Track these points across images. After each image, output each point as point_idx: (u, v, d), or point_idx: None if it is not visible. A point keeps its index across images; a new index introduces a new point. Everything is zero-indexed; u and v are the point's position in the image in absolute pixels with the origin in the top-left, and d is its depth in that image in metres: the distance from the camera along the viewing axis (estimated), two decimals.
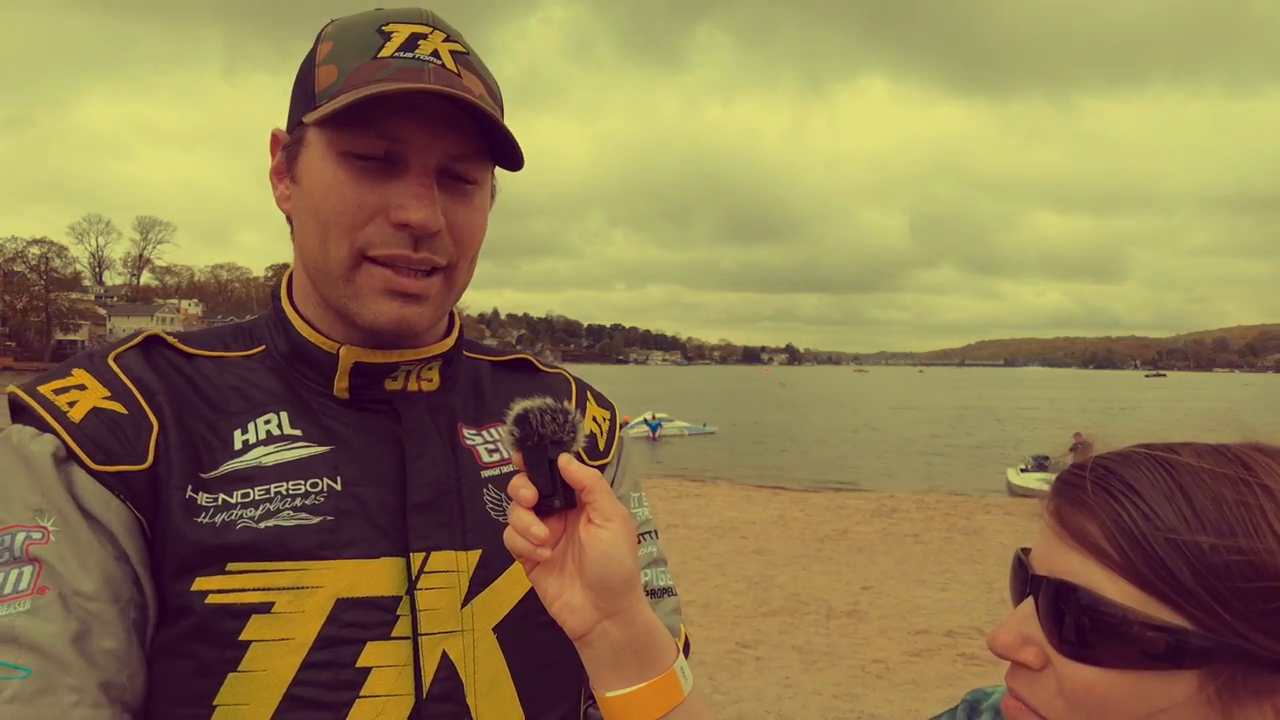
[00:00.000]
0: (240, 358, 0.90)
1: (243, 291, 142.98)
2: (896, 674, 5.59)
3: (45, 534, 0.74)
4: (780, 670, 5.58)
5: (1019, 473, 18.44)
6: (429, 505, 0.85)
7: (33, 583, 0.72)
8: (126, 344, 0.87)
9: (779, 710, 4.91)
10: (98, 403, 0.80)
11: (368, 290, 0.83)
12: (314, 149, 0.83)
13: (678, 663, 0.73)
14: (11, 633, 0.71)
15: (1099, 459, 0.62)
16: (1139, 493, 0.57)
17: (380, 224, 0.81)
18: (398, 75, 0.79)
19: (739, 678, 5.41)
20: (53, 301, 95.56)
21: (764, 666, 5.64)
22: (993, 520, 11.60)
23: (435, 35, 0.83)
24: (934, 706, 4.95)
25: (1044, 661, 0.60)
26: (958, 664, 5.80)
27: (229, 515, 0.79)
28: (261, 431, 0.84)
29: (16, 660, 0.70)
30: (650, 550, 1.02)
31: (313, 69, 0.84)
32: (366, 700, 0.78)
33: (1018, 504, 14.06)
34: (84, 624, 0.73)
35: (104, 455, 0.77)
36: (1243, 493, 0.56)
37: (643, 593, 0.72)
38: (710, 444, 28.38)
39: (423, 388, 0.92)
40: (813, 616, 6.86)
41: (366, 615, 0.79)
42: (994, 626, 0.63)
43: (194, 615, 0.77)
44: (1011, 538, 10.31)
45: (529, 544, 0.69)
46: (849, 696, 5.16)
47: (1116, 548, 0.56)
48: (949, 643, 6.24)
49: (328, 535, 0.80)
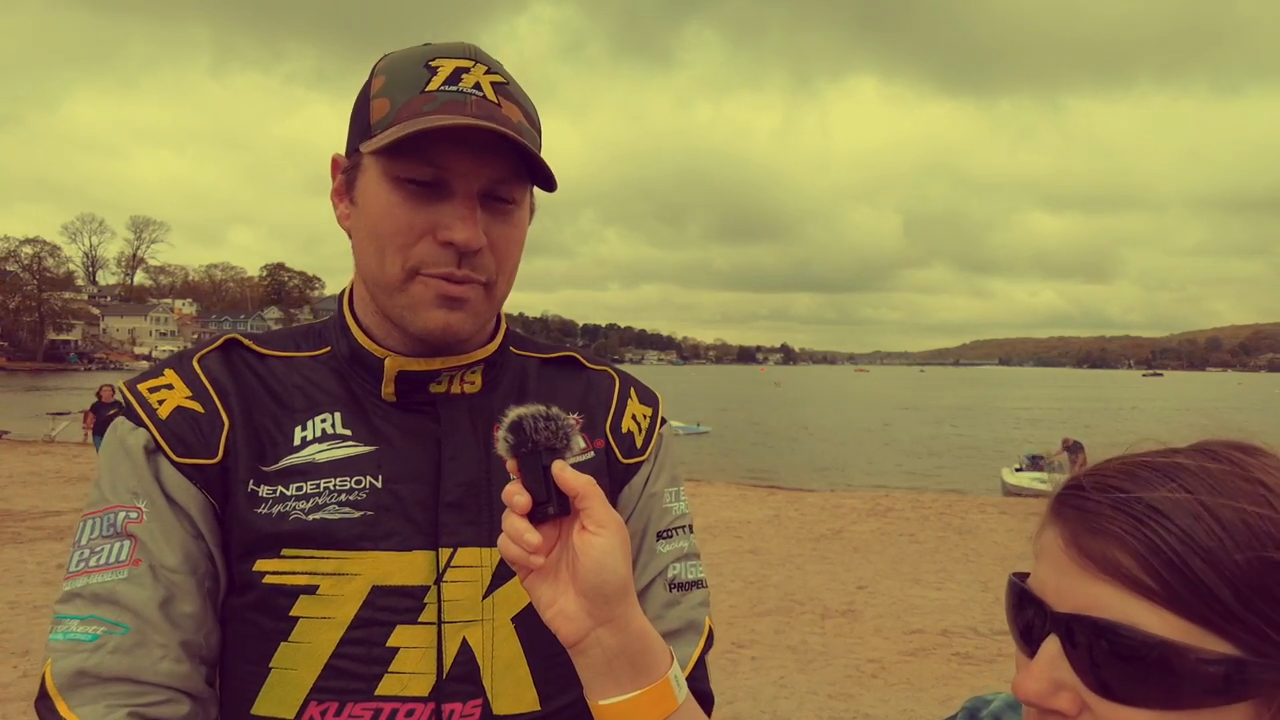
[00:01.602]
0: (308, 358, 1.01)
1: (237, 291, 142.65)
2: (891, 673, 5.57)
3: (140, 514, 0.88)
4: (775, 670, 5.56)
5: (1013, 472, 18.46)
6: (459, 504, 0.94)
7: (130, 554, 0.87)
8: (209, 346, 0.99)
9: (774, 710, 4.90)
10: (181, 402, 0.93)
11: (420, 301, 0.92)
12: (370, 174, 0.92)
13: (671, 671, 0.73)
14: (114, 595, 0.85)
15: (1101, 476, 0.57)
16: (1165, 513, 0.53)
17: (429, 243, 0.90)
18: (444, 108, 0.88)
19: (734, 678, 5.39)
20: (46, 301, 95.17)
21: (759, 666, 5.63)
22: (987, 519, 11.61)
23: (477, 69, 0.92)
24: (929, 706, 4.94)
25: (1080, 707, 0.55)
26: (953, 663, 5.78)
27: (284, 507, 0.90)
28: (318, 429, 0.95)
29: (118, 619, 0.85)
30: (682, 544, 1.07)
31: (368, 101, 0.93)
32: (394, 676, 0.89)
33: (1013, 503, 14.08)
34: (169, 592, 0.87)
35: (184, 449, 0.91)
36: (1256, 500, 0.53)
37: (636, 601, 0.73)
38: (706, 443, 28.37)
39: (465, 390, 1.00)
40: (808, 616, 6.85)
41: (398, 601, 0.90)
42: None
43: (255, 591, 0.90)
44: (1006, 537, 10.32)
45: (522, 551, 0.70)
46: (844, 696, 5.15)
47: (1154, 576, 0.52)
48: (944, 642, 6.23)
49: (367, 528, 0.90)
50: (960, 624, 6.64)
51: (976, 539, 10.23)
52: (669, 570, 1.03)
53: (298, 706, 0.88)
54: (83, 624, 0.85)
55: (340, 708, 0.88)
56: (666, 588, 1.02)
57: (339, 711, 0.88)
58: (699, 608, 1.04)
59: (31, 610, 6.45)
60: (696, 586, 1.05)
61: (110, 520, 0.88)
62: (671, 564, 1.04)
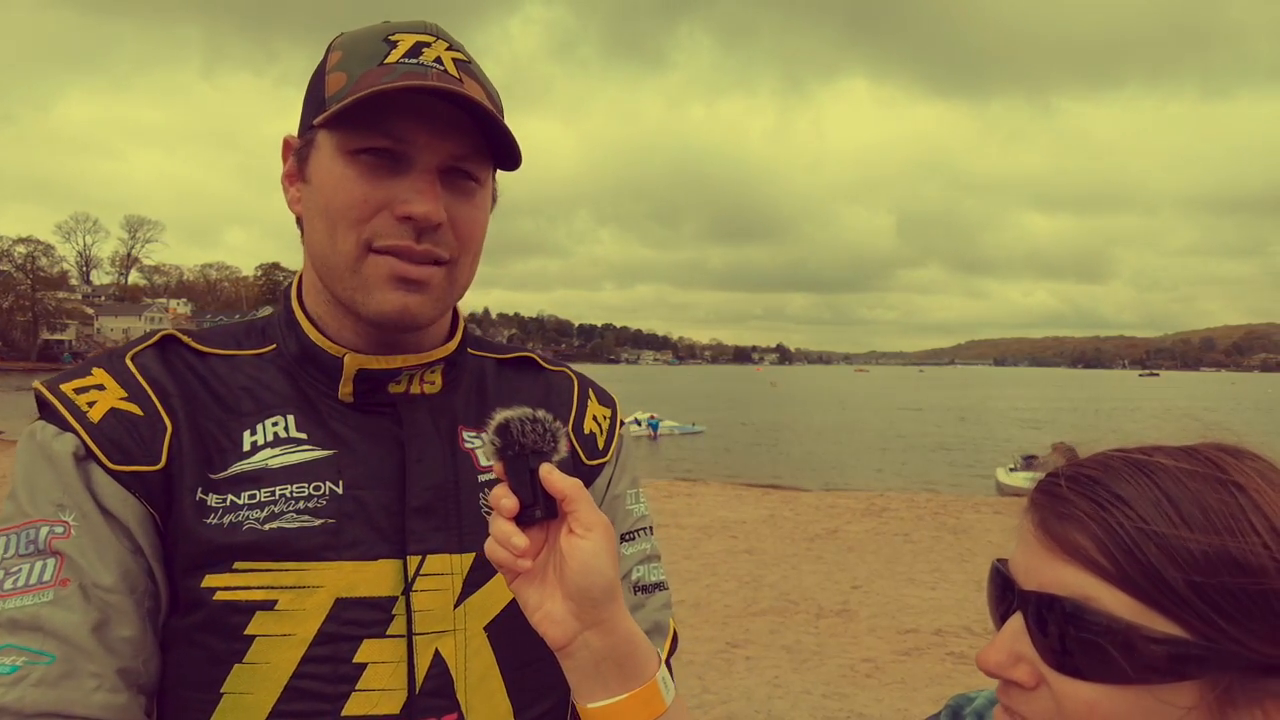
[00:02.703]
0: (251, 356, 0.93)
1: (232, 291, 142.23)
2: (885, 673, 5.59)
3: (67, 528, 0.79)
4: (770, 670, 5.57)
5: (1008, 472, 18.51)
6: (427, 509, 0.88)
7: (55, 574, 0.77)
8: (144, 343, 0.91)
9: (768, 710, 4.91)
10: (115, 403, 0.84)
11: (373, 280, 0.86)
12: (323, 150, 0.87)
13: (659, 673, 0.72)
14: (37, 621, 0.76)
15: (1078, 467, 0.61)
16: (1127, 501, 0.56)
17: (385, 217, 0.85)
18: (402, 79, 0.82)
19: (729, 677, 5.40)
20: (39, 301, 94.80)
21: (754, 666, 5.64)
22: (982, 519, 11.64)
23: (438, 44, 0.88)
24: (923, 705, 4.96)
25: (1037, 679, 0.59)
26: (946, 663, 5.80)
27: (236, 516, 0.83)
28: (269, 433, 0.87)
29: (42, 647, 0.75)
30: (644, 547, 1.05)
31: (323, 77, 0.88)
32: (362, 694, 0.83)
33: (1007, 503, 14.11)
34: (103, 614, 0.78)
35: (121, 455, 0.82)
36: (1222, 494, 0.55)
37: (624, 603, 0.72)
38: (701, 443, 28.38)
39: (425, 390, 0.94)
40: (802, 616, 6.86)
41: (364, 614, 0.84)
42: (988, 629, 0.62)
43: (204, 609, 0.82)
44: (1001, 537, 10.35)
45: (509, 555, 0.69)
46: (838, 696, 5.16)
47: (1110, 558, 0.55)
48: (938, 641, 6.25)
49: (329, 537, 0.84)
50: (954, 623, 6.66)
51: (971, 539, 10.25)
52: (633, 573, 1.01)
53: None
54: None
55: None
56: (631, 590, 1.00)
57: None
58: (663, 610, 1.03)
59: None
60: (659, 589, 1.04)
61: (29, 536, 0.79)
62: (635, 566, 1.02)
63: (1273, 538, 0.54)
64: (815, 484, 18.24)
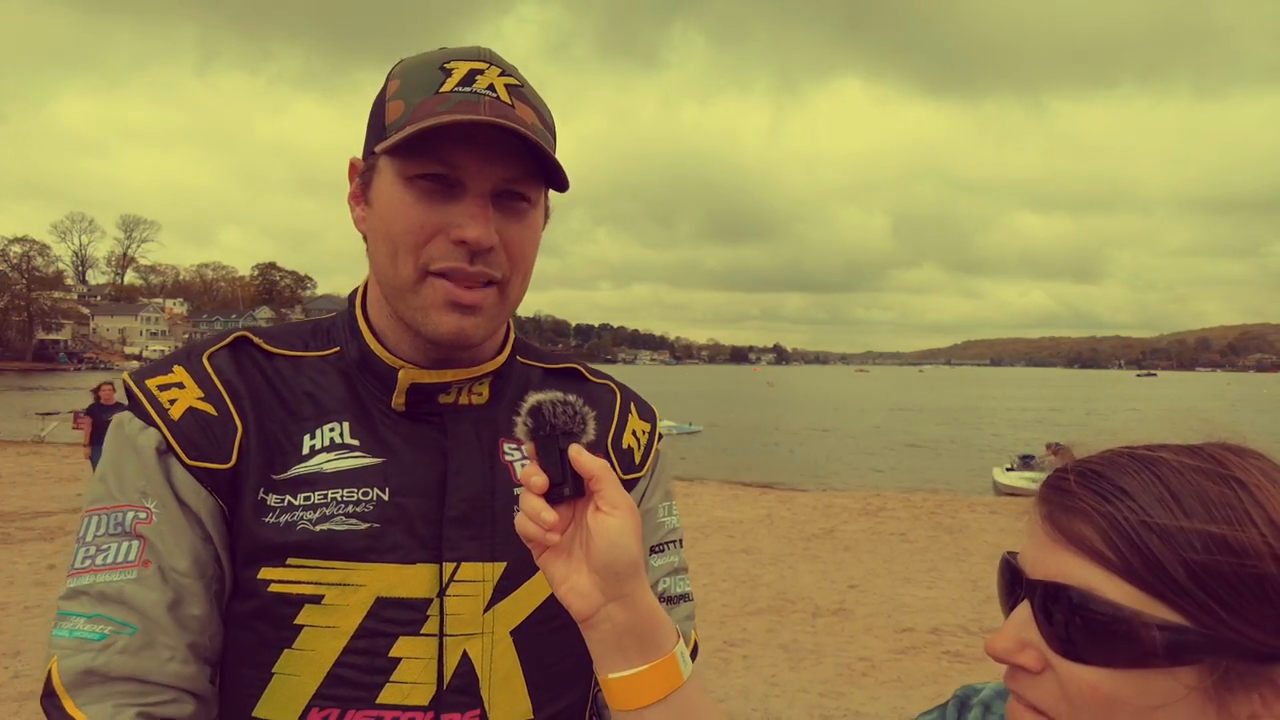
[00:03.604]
0: (316, 358, 1.00)
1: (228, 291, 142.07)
2: (882, 671, 5.61)
3: (149, 515, 0.88)
4: (767, 668, 5.59)
5: (1005, 471, 18.54)
6: (463, 519, 0.94)
7: (139, 555, 0.87)
8: (219, 343, 0.98)
9: (765, 708, 4.92)
10: (194, 403, 0.92)
11: (430, 303, 0.92)
12: (384, 175, 0.92)
13: (678, 648, 0.75)
14: (122, 596, 0.86)
15: (1084, 463, 0.63)
16: (1130, 494, 0.58)
17: (441, 241, 0.90)
18: (457, 108, 0.87)
19: (726, 676, 5.42)
20: (35, 301, 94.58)
21: (751, 665, 5.65)
22: (978, 518, 11.67)
23: (491, 70, 0.92)
24: (919, 704, 4.97)
25: (1043, 665, 0.61)
26: (943, 661, 5.82)
27: (291, 516, 0.90)
28: (326, 439, 0.94)
29: (126, 619, 0.85)
30: (673, 559, 1.10)
31: (383, 104, 0.93)
32: (395, 685, 0.90)
33: (1003, 503, 14.15)
34: (177, 594, 0.87)
35: (196, 452, 0.90)
36: (1223, 488, 0.57)
37: (646, 579, 0.75)
38: (698, 443, 28.41)
39: (473, 401, 1.00)
40: (799, 615, 6.88)
41: (401, 613, 0.90)
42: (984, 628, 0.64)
43: (259, 598, 0.90)
44: (997, 536, 10.38)
45: (539, 529, 0.72)
46: (835, 694, 5.18)
47: (1113, 549, 0.57)
48: (934, 640, 6.27)
49: (373, 540, 0.91)
50: (950, 622, 6.68)
51: (967, 538, 10.28)
52: (659, 584, 1.06)
53: (299, 712, 0.89)
54: (89, 622, 0.85)
55: (341, 715, 0.89)
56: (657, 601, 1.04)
57: (340, 718, 0.88)
58: (686, 621, 1.07)
59: (22, 611, 6.42)
60: (684, 600, 1.09)
61: (118, 519, 0.88)
62: (663, 578, 1.07)
63: (1270, 530, 0.55)
64: (812, 484, 18.27)
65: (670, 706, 0.72)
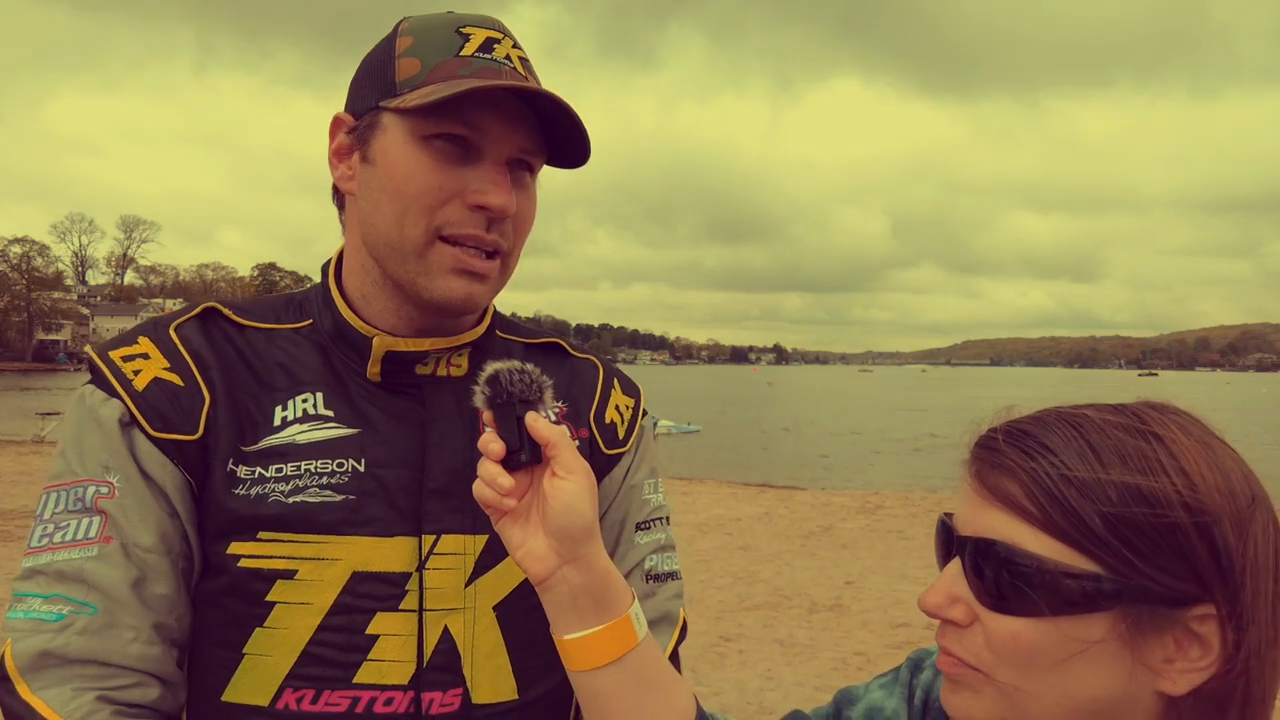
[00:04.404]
0: (289, 330, 0.96)
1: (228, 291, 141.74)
2: (877, 665, 5.63)
3: (111, 489, 0.84)
4: (762, 663, 5.62)
5: None
6: (444, 491, 0.91)
7: (100, 531, 0.83)
8: (187, 314, 0.94)
9: (760, 702, 4.95)
10: (159, 373, 0.88)
11: (438, 268, 0.89)
12: (393, 133, 0.88)
13: (632, 609, 0.75)
14: (81, 574, 0.81)
15: (1013, 422, 0.65)
16: (1053, 450, 0.60)
17: (456, 205, 0.88)
18: (480, 73, 0.86)
19: (721, 670, 5.45)
20: (34, 301, 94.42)
21: (746, 659, 5.68)
22: None
23: (506, 41, 0.91)
24: None
25: (972, 618, 0.63)
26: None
27: (262, 488, 0.86)
28: (298, 410, 0.91)
29: (85, 598, 0.81)
30: (659, 536, 1.07)
31: (392, 59, 0.90)
32: (373, 663, 0.87)
33: None
34: (141, 572, 0.83)
35: (162, 423, 0.86)
36: (1140, 442, 0.59)
37: (601, 542, 0.75)
38: (698, 442, 28.40)
39: (451, 373, 0.97)
40: (795, 611, 6.91)
41: (378, 588, 0.87)
42: None
43: (229, 575, 0.86)
44: None
45: (495, 494, 0.72)
46: (830, 688, 5.20)
47: (1035, 503, 0.59)
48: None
49: (349, 513, 0.87)
50: None
51: None
52: (646, 562, 1.04)
53: (272, 694, 0.85)
54: (46, 602, 0.80)
55: (317, 695, 0.85)
56: (643, 579, 1.03)
57: (315, 699, 0.85)
58: (673, 600, 1.05)
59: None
60: (672, 578, 1.07)
61: (78, 494, 0.84)
62: (649, 555, 1.05)
63: (1182, 479, 0.57)
64: (811, 482, 18.28)
65: (625, 667, 0.73)
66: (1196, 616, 0.58)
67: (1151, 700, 0.60)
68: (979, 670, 0.62)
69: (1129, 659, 0.58)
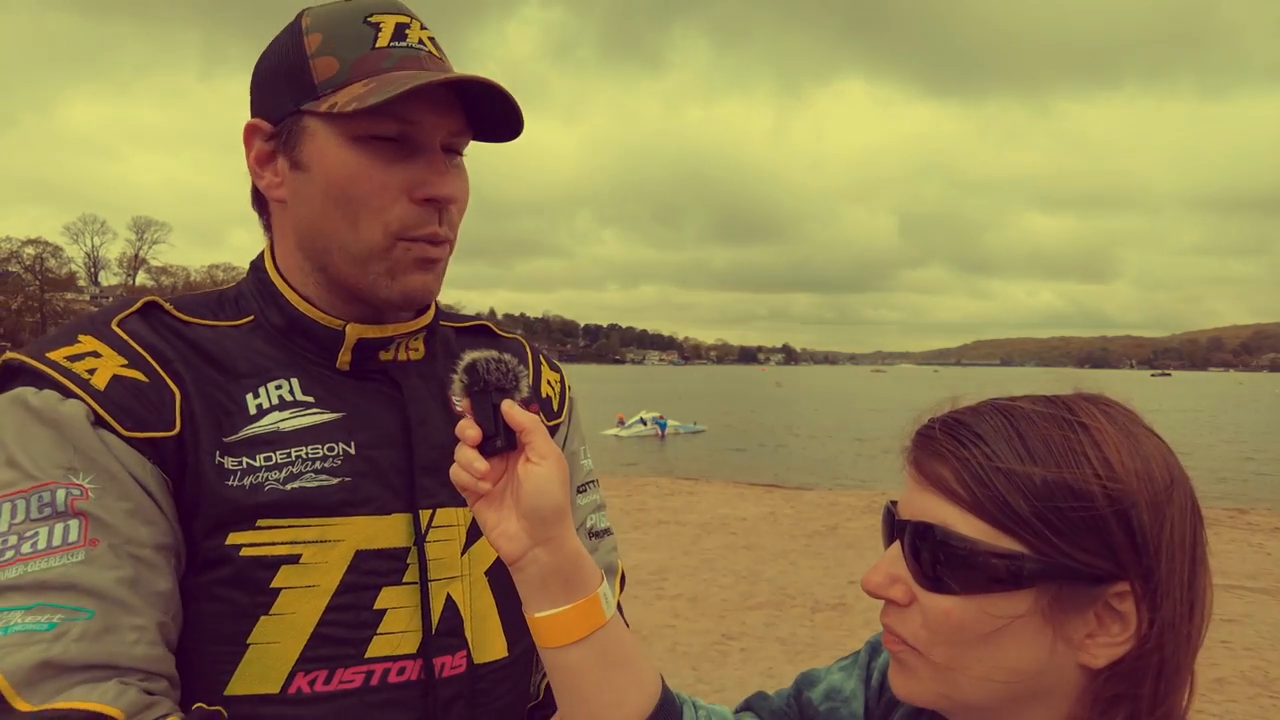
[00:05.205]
0: (229, 327, 0.94)
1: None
2: None
3: (84, 491, 0.78)
4: (764, 661, 5.64)
5: None
6: (434, 467, 0.95)
7: (82, 534, 0.77)
8: (126, 310, 0.90)
9: None
10: (118, 370, 0.84)
11: (402, 266, 0.91)
12: (321, 136, 0.88)
13: (601, 589, 0.78)
14: (69, 580, 0.75)
15: (951, 413, 0.69)
16: (984, 439, 0.64)
17: (405, 203, 0.88)
18: (401, 64, 0.87)
19: (723, 668, 5.48)
20: (48, 302, 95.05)
21: (748, 658, 5.71)
22: None
23: (415, 24, 0.91)
24: None
25: (910, 597, 0.66)
26: None
27: (256, 478, 0.86)
28: (274, 397, 0.90)
29: (78, 604, 0.75)
30: (595, 497, 1.17)
31: (305, 60, 0.88)
32: (383, 637, 0.90)
33: None
34: (136, 570, 0.79)
35: (133, 422, 0.82)
36: (1066, 432, 0.63)
37: (572, 525, 0.77)
38: (704, 442, 28.42)
39: (411, 357, 1.00)
40: (798, 610, 6.92)
41: (382, 564, 0.90)
42: None
43: (231, 565, 0.85)
44: None
45: (471, 478, 0.75)
46: None
47: (965, 488, 0.63)
48: None
49: (347, 494, 0.89)
50: None
51: None
52: (587, 521, 1.12)
53: (282, 680, 0.85)
54: (29, 614, 0.73)
55: (330, 675, 0.87)
56: (586, 536, 1.11)
57: (329, 679, 0.87)
58: (612, 552, 1.14)
59: None
60: (608, 534, 1.15)
61: (43, 500, 0.77)
62: (589, 515, 1.13)
63: (1104, 468, 0.61)
64: (817, 483, 18.27)
65: (593, 645, 0.76)
66: (1115, 594, 0.61)
67: (1074, 673, 0.63)
68: (915, 648, 0.66)
69: (1050, 633, 0.62)
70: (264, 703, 0.85)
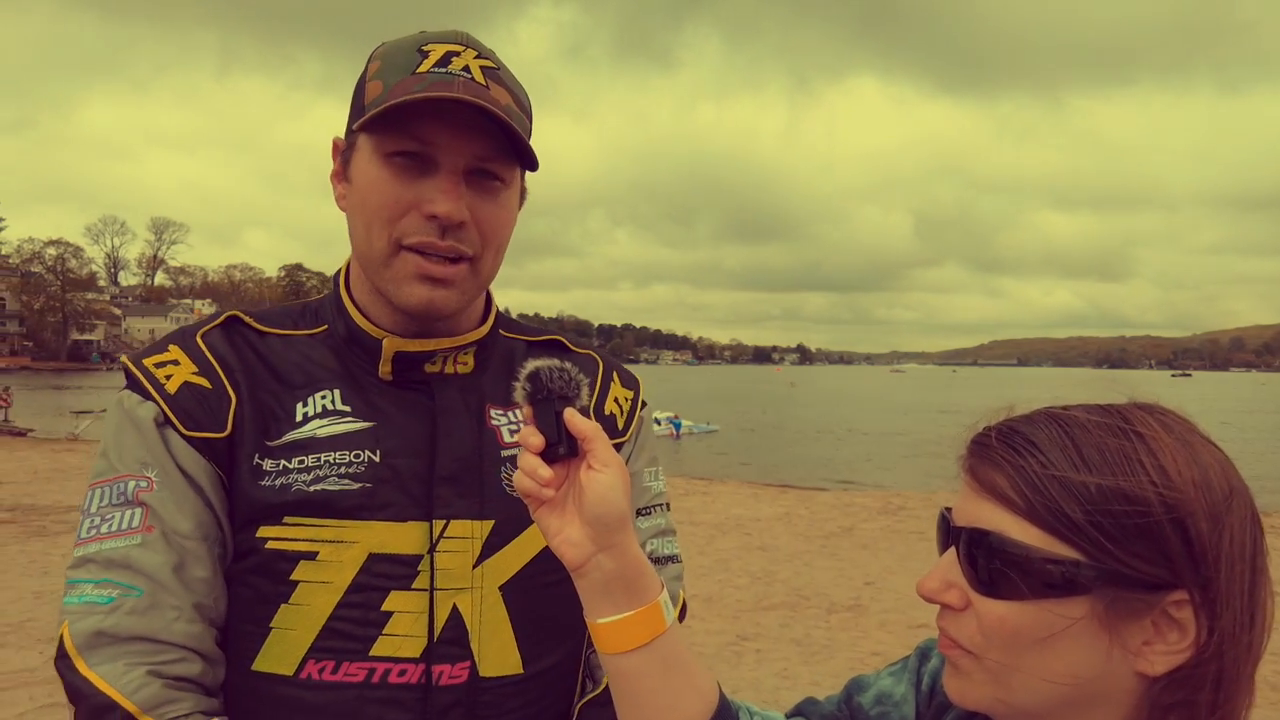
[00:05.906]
0: (305, 336, 1.04)
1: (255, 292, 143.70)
2: None
3: (150, 483, 0.93)
4: (779, 662, 5.64)
5: None
6: (453, 478, 0.99)
7: (142, 521, 0.91)
8: (212, 323, 1.03)
9: (776, 700, 4.97)
10: (188, 377, 0.97)
11: (402, 275, 0.96)
12: (363, 152, 0.97)
13: (662, 596, 0.78)
14: (127, 560, 0.90)
15: (1005, 421, 0.69)
16: (1040, 448, 0.64)
17: (414, 216, 0.94)
18: (431, 88, 0.91)
19: (738, 669, 5.47)
20: (69, 302, 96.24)
21: (763, 659, 5.70)
22: None
23: (467, 53, 0.96)
24: None
25: (965, 602, 0.67)
26: None
27: (287, 479, 0.95)
28: (318, 406, 0.99)
29: (132, 582, 0.89)
30: (659, 521, 1.14)
31: (363, 84, 0.97)
32: (388, 638, 0.95)
33: None
34: (181, 557, 0.92)
35: (193, 423, 0.95)
36: (1121, 440, 0.63)
37: (633, 531, 0.78)
38: (718, 442, 28.39)
39: (458, 370, 1.05)
40: (813, 611, 6.91)
41: (393, 569, 0.95)
42: None
43: (258, 554, 0.95)
44: None
45: (535, 484, 0.76)
46: None
47: (1021, 495, 0.63)
48: None
49: (366, 499, 0.95)
50: None
51: None
52: (648, 546, 1.10)
53: (296, 664, 0.93)
54: (97, 587, 0.89)
55: (337, 666, 0.93)
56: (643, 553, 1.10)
57: (335, 670, 0.93)
58: (674, 581, 1.11)
59: (57, 600, 6.60)
60: (672, 561, 1.13)
61: (120, 489, 0.92)
62: (650, 539, 1.11)
63: (1159, 476, 0.61)
64: (832, 483, 18.21)
65: (653, 651, 0.76)
66: (1173, 602, 0.61)
67: (1131, 680, 0.64)
68: (971, 652, 0.67)
69: (1106, 639, 0.62)
70: (281, 683, 0.94)
